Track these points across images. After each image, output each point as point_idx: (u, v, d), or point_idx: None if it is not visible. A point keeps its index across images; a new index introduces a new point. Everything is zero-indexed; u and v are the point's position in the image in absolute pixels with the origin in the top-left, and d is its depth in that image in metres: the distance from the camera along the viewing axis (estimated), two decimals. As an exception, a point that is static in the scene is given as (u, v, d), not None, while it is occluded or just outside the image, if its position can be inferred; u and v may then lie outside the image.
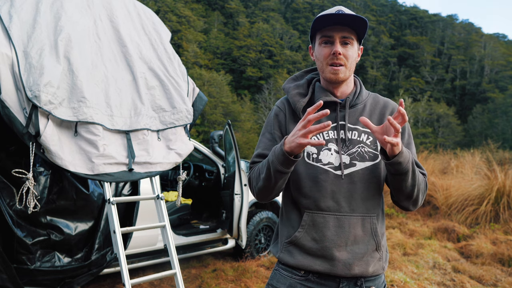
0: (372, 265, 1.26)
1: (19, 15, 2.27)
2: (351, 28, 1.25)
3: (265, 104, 46.50)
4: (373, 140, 1.28)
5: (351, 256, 1.23)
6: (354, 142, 1.28)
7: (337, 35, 1.24)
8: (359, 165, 1.26)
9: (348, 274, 1.23)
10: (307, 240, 1.26)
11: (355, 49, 1.28)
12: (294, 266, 1.28)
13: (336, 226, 1.24)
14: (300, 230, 1.27)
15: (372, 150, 1.27)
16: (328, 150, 1.27)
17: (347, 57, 1.25)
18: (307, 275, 1.27)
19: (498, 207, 6.15)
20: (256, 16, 69.15)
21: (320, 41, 1.28)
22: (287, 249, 1.30)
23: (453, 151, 11.59)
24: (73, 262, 2.63)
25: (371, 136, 1.28)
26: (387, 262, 1.34)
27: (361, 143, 1.28)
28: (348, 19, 1.22)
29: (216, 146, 4.43)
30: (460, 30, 72.98)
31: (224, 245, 4.23)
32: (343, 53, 1.24)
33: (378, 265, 1.27)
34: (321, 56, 1.27)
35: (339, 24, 1.24)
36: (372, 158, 1.27)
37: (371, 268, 1.26)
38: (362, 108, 1.33)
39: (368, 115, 1.32)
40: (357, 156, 1.27)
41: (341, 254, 1.23)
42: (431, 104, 48.52)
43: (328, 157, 1.26)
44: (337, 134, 1.28)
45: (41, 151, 2.12)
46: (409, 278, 3.71)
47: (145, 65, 2.75)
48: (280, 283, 1.31)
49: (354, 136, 1.29)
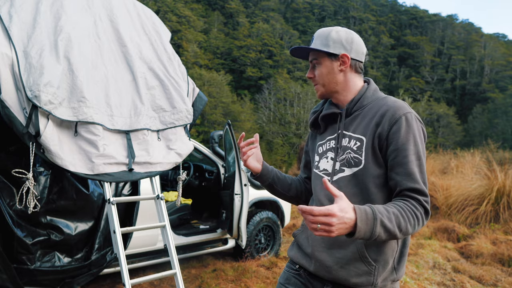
0: (355, 276, 1.22)
1: (19, 15, 2.27)
2: (315, 51, 1.37)
3: (265, 104, 46.46)
4: (360, 145, 1.25)
5: (331, 259, 1.26)
6: (344, 149, 1.31)
7: (310, 60, 1.40)
8: (347, 171, 1.28)
9: (327, 276, 1.27)
10: (302, 238, 1.40)
11: (325, 65, 1.36)
12: (291, 259, 1.43)
13: None
14: (300, 228, 1.43)
15: (357, 155, 1.25)
16: (326, 158, 1.38)
17: (319, 76, 1.37)
18: (299, 270, 1.39)
19: (498, 207, 6.15)
20: (256, 16, 69.12)
21: None
22: (292, 244, 1.47)
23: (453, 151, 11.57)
24: (73, 262, 2.63)
25: (359, 141, 1.26)
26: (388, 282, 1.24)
27: (348, 148, 1.29)
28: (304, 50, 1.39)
29: (216, 146, 4.43)
30: (460, 30, 72.92)
31: (224, 245, 4.23)
32: (314, 75, 1.39)
33: (365, 279, 1.21)
34: None
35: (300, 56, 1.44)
36: (357, 163, 1.25)
37: (354, 279, 1.22)
38: (359, 114, 1.33)
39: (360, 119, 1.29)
40: (346, 162, 1.29)
41: (321, 255, 1.28)
42: (431, 104, 48.51)
43: (324, 164, 1.38)
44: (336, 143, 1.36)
45: (41, 151, 2.12)
46: (409, 278, 3.71)
47: (145, 65, 2.75)
48: (281, 278, 1.46)
49: (345, 142, 1.31)
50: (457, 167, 8.94)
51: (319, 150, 1.43)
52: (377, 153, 1.23)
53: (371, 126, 1.24)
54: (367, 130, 1.25)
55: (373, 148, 1.23)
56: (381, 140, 1.21)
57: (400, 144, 1.18)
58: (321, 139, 1.44)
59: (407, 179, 1.16)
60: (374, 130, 1.23)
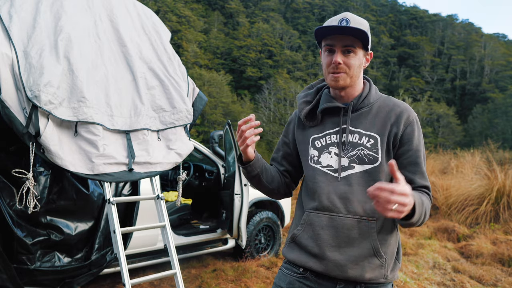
0: (370, 271, 1.23)
1: (19, 15, 2.27)
2: (354, 37, 1.25)
3: (265, 104, 46.47)
4: (374, 143, 1.27)
5: (344, 258, 1.23)
6: (354, 145, 1.29)
7: (339, 44, 1.26)
8: (357, 167, 1.27)
9: (341, 276, 1.24)
10: (304, 238, 1.30)
11: (359, 57, 1.28)
12: (293, 262, 1.33)
13: (330, 226, 1.25)
14: (300, 228, 1.33)
15: (372, 153, 1.27)
16: (328, 153, 1.32)
17: (349, 66, 1.27)
18: (305, 273, 1.30)
19: (498, 207, 6.15)
20: (256, 16, 69.12)
21: (324, 49, 1.31)
22: (290, 245, 1.36)
23: (453, 151, 11.58)
24: (73, 262, 2.63)
25: (372, 139, 1.28)
26: (395, 272, 1.30)
27: (361, 145, 1.28)
28: (348, 30, 1.23)
29: (216, 146, 4.43)
30: (460, 30, 72.92)
31: (224, 245, 4.23)
32: (345, 62, 1.26)
33: (378, 272, 1.24)
34: (324, 64, 1.32)
35: (340, 34, 1.25)
36: (372, 161, 1.26)
37: (368, 274, 1.23)
38: (368, 111, 1.32)
39: (372, 118, 1.30)
40: (356, 159, 1.27)
41: (333, 255, 1.24)
42: (431, 104, 48.49)
43: (328, 160, 1.31)
44: (339, 138, 1.31)
45: (41, 151, 2.12)
46: (409, 278, 3.71)
47: (145, 65, 2.75)
48: (281, 281, 1.35)
49: (355, 139, 1.29)
50: (457, 167, 8.95)
51: (317, 144, 1.35)
52: (391, 151, 1.28)
53: (387, 125, 1.28)
54: (383, 129, 1.28)
55: (388, 147, 1.27)
56: (396, 139, 1.27)
57: (415, 145, 1.28)
58: (317, 133, 1.36)
59: (420, 177, 1.27)
60: (390, 129, 1.28)
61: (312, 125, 1.38)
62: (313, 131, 1.38)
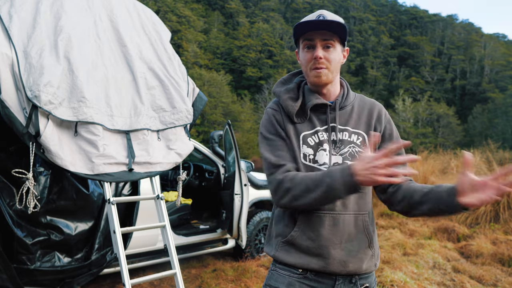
0: (366, 262, 1.29)
1: (19, 15, 2.27)
2: (332, 32, 1.26)
3: (265, 104, 46.47)
4: (363, 140, 1.32)
5: (345, 253, 1.26)
6: (345, 143, 1.31)
7: (318, 39, 1.26)
8: None
9: (343, 271, 1.26)
10: (303, 239, 1.27)
11: (338, 52, 1.29)
12: (292, 265, 1.29)
13: (331, 225, 1.26)
14: (296, 229, 1.28)
15: (362, 150, 1.30)
16: (324, 151, 1.30)
17: (330, 60, 1.27)
18: (304, 273, 1.29)
19: (498, 207, 6.15)
20: (256, 16, 69.14)
21: (303, 46, 1.30)
22: (284, 248, 1.31)
23: (453, 151, 11.57)
24: (73, 262, 2.63)
25: (361, 136, 1.33)
26: (379, 259, 1.38)
27: (351, 143, 1.31)
28: (327, 24, 1.24)
29: (216, 146, 4.43)
30: (460, 30, 72.95)
31: (224, 245, 4.23)
32: (325, 57, 1.26)
33: (371, 262, 1.31)
34: (305, 61, 1.30)
35: (319, 29, 1.25)
36: None
37: (365, 265, 1.29)
38: (351, 109, 1.36)
39: (357, 116, 1.35)
40: (348, 156, 1.30)
41: (336, 252, 1.25)
42: (431, 104, 48.50)
43: (324, 157, 1.29)
44: (329, 136, 1.32)
45: (41, 151, 2.12)
46: (409, 278, 3.71)
47: (145, 65, 2.75)
48: (279, 283, 1.31)
49: (345, 136, 1.32)
50: (457, 167, 8.94)
51: (310, 142, 1.30)
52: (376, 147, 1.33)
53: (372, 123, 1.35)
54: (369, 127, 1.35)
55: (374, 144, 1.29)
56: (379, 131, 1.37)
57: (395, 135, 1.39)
58: (307, 129, 1.31)
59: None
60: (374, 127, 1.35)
61: (298, 122, 1.33)
62: (302, 128, 1.32)
